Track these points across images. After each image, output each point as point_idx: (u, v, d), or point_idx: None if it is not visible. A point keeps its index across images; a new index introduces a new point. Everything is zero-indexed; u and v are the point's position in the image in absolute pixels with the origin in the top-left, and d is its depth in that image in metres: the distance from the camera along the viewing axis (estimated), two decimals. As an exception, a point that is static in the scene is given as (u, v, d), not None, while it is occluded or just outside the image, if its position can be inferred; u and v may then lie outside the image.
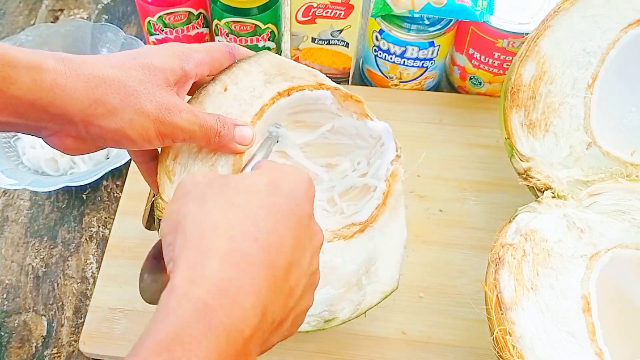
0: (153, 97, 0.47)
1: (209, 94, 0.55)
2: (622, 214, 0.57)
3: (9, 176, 0.70)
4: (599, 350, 0.51)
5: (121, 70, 0.47)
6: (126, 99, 0.46)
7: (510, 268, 0.53)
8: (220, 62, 0.55)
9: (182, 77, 0.50)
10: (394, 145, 0.59)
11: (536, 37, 0.62)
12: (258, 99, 0.57)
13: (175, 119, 0.48)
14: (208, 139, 0.52)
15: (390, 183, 0.58)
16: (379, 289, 0.57)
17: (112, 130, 0.46)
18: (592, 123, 0.62)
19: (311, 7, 0.73)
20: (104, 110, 0.45)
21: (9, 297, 0.68)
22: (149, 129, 0.47)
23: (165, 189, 0.54)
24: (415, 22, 0.74)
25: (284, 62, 0.58)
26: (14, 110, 0.44)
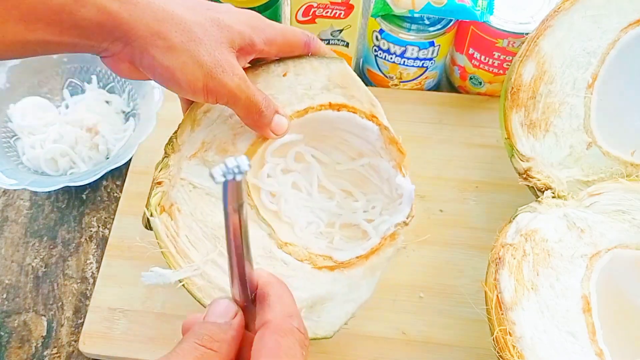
0: (213, 50, 0.48)
1: (268, 71, 0.56)
2: (622, 214, 0.57)
3: (9, 176, 0.70)
4: (599, 350, 0.51)
5: (191, 14, 0.48)
6: (187, 42, 0.47)
7: (511, 268, 0.53)
8: (292, 49, 0.55)
9: (247, 45, 0.51)
10: (408, 210, 0.56)
11: (536, 37, 0.62)
12: (309, 99, 0.57)
13: (227, 79, 0.49)
14: (249, 112, 0.52)
15: (384, 243, 0.56)
16: (312, 328, 0.54)
17: (164, 67, 0.47)
18: (592, 123, 0.62)
19: (311, 7, 0.73)
20: (162, 44, 0.46)
21: (9, 297, 0.68)
22: (198, 80, 0.48)
23: (184, 134, 0.55)
24: (415, 22, 0.74)
25: (352, 78, 0.58)
26: (80, 31, 0.45)
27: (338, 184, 0.62)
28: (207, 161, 0.56)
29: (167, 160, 0.56)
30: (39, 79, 0.79)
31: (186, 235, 0.54)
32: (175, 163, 0.56)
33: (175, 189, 0.55)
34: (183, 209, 0.55)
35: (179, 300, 0.65)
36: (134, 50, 0.47)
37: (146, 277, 0.52)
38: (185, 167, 0.56)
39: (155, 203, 0.54)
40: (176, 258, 0.53)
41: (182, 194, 0.55)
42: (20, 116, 0.76)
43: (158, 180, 0.55)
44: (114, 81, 0.80)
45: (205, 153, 0.56)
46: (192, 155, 0.56)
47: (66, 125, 0.75)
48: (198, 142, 0.56)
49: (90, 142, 0.75)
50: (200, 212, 0.55)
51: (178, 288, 0.53)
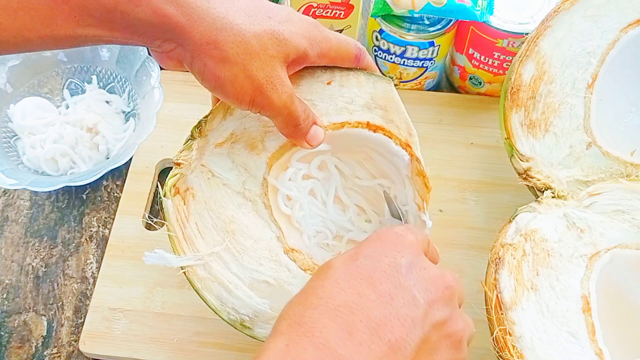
0: (266, 65, 0.48)
1: (313, 75, 0.56)
2: (622, 214, 0.57)
3: (9, 176, 0.70)
4: (599, 350, 0.51)
5: (251, 24, 0.47)
6: (241, 54, 0.47)
7: (510, 268, 0.53)
8: (342, 61, 0.55)
9: (301, 58, 0.50)
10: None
11: (536, 37, 0.62)
12: (347, 114, 0.56)
13: (275, 96, 0.49)
14: (286, 124, 0.52)
15: None
16: None
17: (215, 76, 0.47)
18: (592, 123, 0.62)
19: (311, 7, 0.73)
20: (217, 54, 0.46)
21: (9, 297, 0.68)
22: (247, 93, 0.48)
23: (214, 121, 0.55)
24: (415, 22, 0.74)
25: (395, 103, 0.57)
26: (133, 30, 0.45)
27: (354, 199, 0.62)
28: (234, 154, 0.55)
29: (191, 142, 0.55)
30: (39, 79, 0.79)
31: (196, 223, 0.54)
32: (200, 148, 0.55)
33: (194, 174, 0.55)
34: (198, 195, 0.54)
35: (179, 300, 0.65)
36: (186, 54, 0.47)
37: (148, 257, 0.52)
38: (208, 154, 0.55)
39: (171, 184, 0.53)
40: (182, 244, 0.53)
41: (199, 180, 0.55)
42: (20, 116, 0.76)
43: (178, 160, 0.54)
44: (114, 81, 0.80)
45: (233, 145, 0.55)
46: (219, 144, 0.55)
47: (66, 125, 0.75)
48: (227, 132, 0.55)
49: (90, 142, 0.75)
50: (214, 202, 0.55)
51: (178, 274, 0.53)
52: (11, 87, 0.77)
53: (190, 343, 0.63)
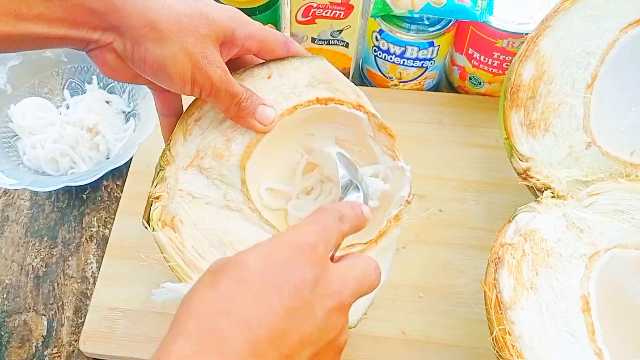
0: (200, 43, 0.49)
1: (252, 75, 0.57)
2: (621, 214, 0.57)
3: (9, 176, 0.70)
4: (599, 350, 0.51)
5: (181, 5, 0.48)
6: (178, 32, 0.47)
7: (510, 268, 0.53)
8: (272, 47, 0.56)
9: (229, 40, 0.51)
10: (408, 189, 0.57)
11: (536, 37, 0.62)
12: (295, 97, 0.58)
13: (210, 71, 0.50)
14: (228, 104, 0.53)
15: (390, 225, 0.57)
16: None
17: (155, 57, 0.48)
18: (591, 123, 0.62)
19: (311, 7, 0.73)
20: (155, 35, 0.47)
21: (9, 297, 0.68)
22: (187, 70, 0.49)
23: (177, 144, 0.56)
24: (415, 22, 0.74)
25: (334, 73, 0.59)
26: (72, 19, 0.45)
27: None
28: (204, 169, 0.56)
29: (162, 173, 0.55)
30: (39, 79, 0.79)
31: (192, 246, 0.54)
32: (172, 175, 0.55)
33: (175, 201, 0.55)
34: (185, 220, 0.54)
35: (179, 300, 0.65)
36: (126, 42, 0.47)
37: (157, 294, 0.51)
38: (182, 177, 0.55)
39: (157, 218, 0.53)
40: (185, 270, 0.52)
41: (182, 205, 0.55)
42: (20, 116, 0.76)
43: (156, 195, 0.54)
44: (114, 81, 0.80)
45: (201, 161, 0.56)
46: (188, 165, 0.56)
47: (67, 125, 0.75)
48: (192, 151, 0.56)
49: (90, 142, 0.75)
50: (203, 222, 0.55)
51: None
52: (11, 87, 0.77)
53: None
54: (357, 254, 0.46)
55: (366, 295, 0.52)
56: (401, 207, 0.57)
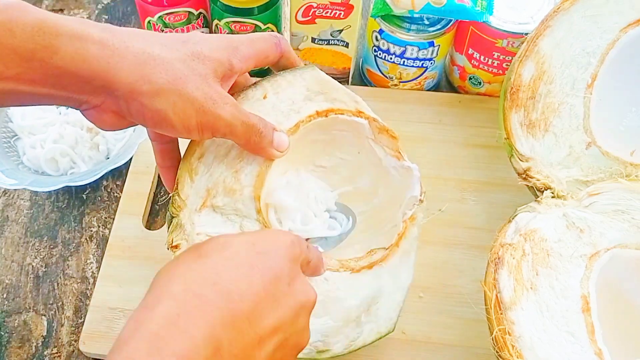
0: (200, 85, 0.46)
1: (247, 98, 0.55)
2: (621, 214, 0.57)
3: (9, 176, 0.70)
4: (599, 350, 0.51)
5: (171, 52, 0.46)
6: (174, 81, 0.45)
7: (510, 268, 0.54)
8: (266, 54, 0.53)
9: (228, 70, 0.49)
10: (419, 188, 0.58)
11: (536, 37, 0.62)
12: (295, 114, 0.56)
13: (220, 110, 0.47)
14: (249, 136, 0.50)
15: (407, 226, 0.58)
16: (375, 329, 0.56)
17: (154, 110, 0.45)
18: (591, 123, 0.62)
19: (311, 7, 0.73)
20: (149, 88, 0.44)
21: (9, 297, 0.68)
22: (191, 117, 0.46)
23: (185, 187, 0.53)
24: (415, 22, 0.74)
25: (329, 82, 0.58)
26: (56, 81, 0.42)
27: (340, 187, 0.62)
28: (218, 207, 0.54)
29: (177, 220, 0.53)
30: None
31: None
32: (187, 220, 0.53)
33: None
34: None
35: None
36: (119, 100, 0.45)
37: None
38: (197, 221, 0.53)
39: None
40: None
41: None
42: (20, 116, 0.76)
43: (174, 244, 0.52)
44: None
45: (214, 200, 0.54)
46: (201, 206, 0.53)
47: (66, 125, 0.75)
48: (203, 191, 0.54)
49: (90, 142, 0.75)
50: None
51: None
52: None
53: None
54: None
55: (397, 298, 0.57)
56: (415, 207, 0.57)
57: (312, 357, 0.54)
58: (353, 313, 0.55)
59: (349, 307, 0.55)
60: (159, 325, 0.36)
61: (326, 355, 0.54)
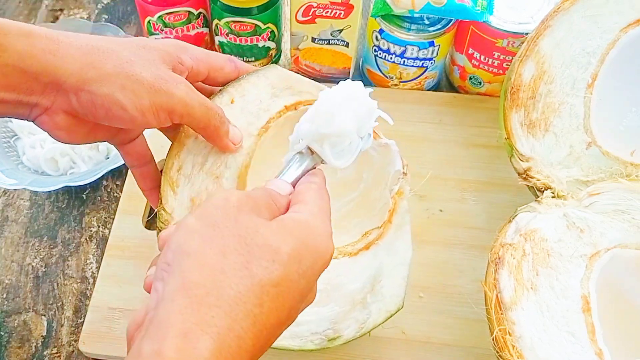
0: (149, 67, 0.46)
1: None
2: (621, 214, 0.57)
3: (9, 176, 0.70)
4: (599, 350, 0.51)
5: (116, 44, 0.46)
6: (120, 65, 0.44)
7: (510, 268, 0.53)
8: (221, 66, 0.54)
9: (177, 63, 0.49)
10: (400, 162, 0.58)
11: (536, 37, 0.62)
12: (265, 112, 0.57)
13: (173, 89, 0.46)
14: (208, 119, 0.49)
15: (396, 200, 0.58)
16: (384, 308, 0.56)
17: (103, 95, 0.44)
18: (591, 123, 0.62)
19: (311, 7, 0.73)
20: (95, 74, 0.44)
21: (9, 297, 0.68)
22: (143, 98, 0.45)
23: (169, 200, 0.53)
24: (415, 22, 0.74)
25: (292, 76, 0.58)
26: (5, 82, 0.42)
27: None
28: None
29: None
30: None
31: None
32: None
33: None
34: None
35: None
36: (68, 95, 0.44)
37: None
38: None
39: None
40: None
41: None
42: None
43: None
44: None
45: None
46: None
47: (66, 125, 0.75)
48: (187, 201, 0.54)
49: (90, 142, 0.75)
50: None
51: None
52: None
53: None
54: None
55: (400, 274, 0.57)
56: (400, 181, 0.58)
57: (324, 346, 0.54)
58: (358, 295, 0.55)
59: (352, 291, 0.55)
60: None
61: (338, 342, 0.54)
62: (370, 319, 0.55)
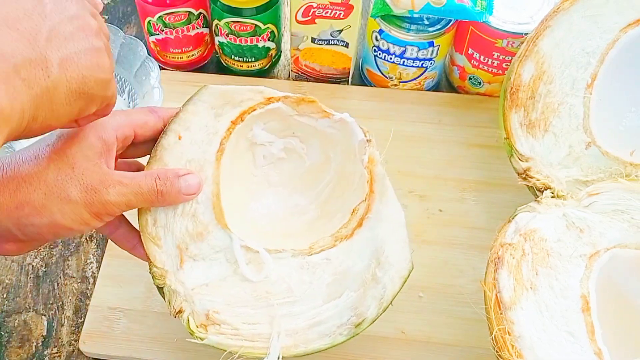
0: (77, 181, 0.46)
1: (164, 147, 0.54)
2: (621, 214, 0.57)
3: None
4: (598, 350, 0.51)
5: (38, 165, 0.46)
6: (50, 192, 0.45)
7: (510, 268, 0.54)
8: (144, 120, 0.53)
9: (102, 148, 0.48)
10: (360, 131, 0.57)
11: (535, 37, 0.62)
12: (215, 135, 0.56)
13: (105, 196, 0.47)
14: (150, 201, 0.51)
15: (370, 169, 0.57)
16: (396, 274, 0.55)
17: (46, 225, 0.46)
18: (591, 123, 0.62)
19: (311, 7, 0.73)
20: (30, 209, 0.45)
21: (9, 296, 0.68)
22: (82, 213, 0.46)
23: (157, 256, 0.53)
24: (415, 22, 0.74)
25: (227, 90, 0.57)
26: None
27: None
28: (196, 255, 0.54)
29: (167, 288, 0.53)
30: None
31: (243, 322, 0.53)
32: (176, 283, 0.53)
33: (197, 301, 0.53)
34: (217, 307, 0.53)
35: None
36: (11, 230, 0.46)
37: None
38: (185, 278, 0.53)
39: (195, 328, 0.53)
40: (255, 345, 0.53)
41: (205, 299, 0.53)
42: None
43: (177, 310, 0.53)
44: (114, 81, 0.80)
45: (188, 252, 0.54)
46: (181, 263, 0.54)
47: (66, 125, 0.75)
48: (174, 250, 0.54)
49: (90, 142, 0.75)
50: (232, 297, 0.54)
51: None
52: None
53: (191, 342, 0.63)
54: None
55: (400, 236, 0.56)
56: (367, 149, 0.57)
57: (353, 334, 0.54)
58: (367, 274, 0.55)
59: (360, 271, 0.55)
60: None
61: (365, 324, 0.54)
62: (388, 291, 0.55)
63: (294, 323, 0.54)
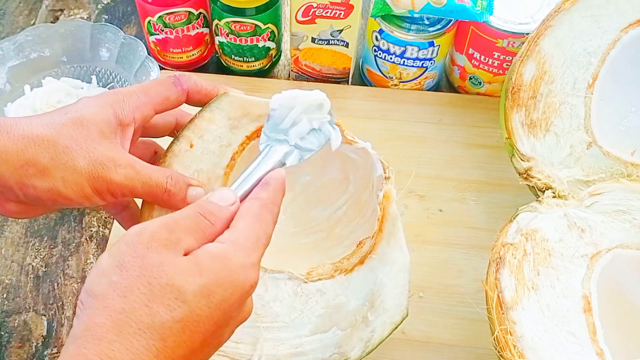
0: (87, 152, 0.46)
1: (175, 154, 0.53)
2: (622, 214, 0.57)
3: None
4: (600, 350, 0.51)
5: (52, 129, 0.46)
6: (57, 157, 0.45)
7: (511, 267, 0.53)
8: (165, 96, 0.51)
9: (118, 127, 0.48)
10: (381, 166, 0.56)
11: (536, 37, 0.62)
12: (227, 148, 0.54)
13: (111, 174, 0.46)
14: (154, 196, 0.49)
15: (384, 206, 0.55)
16: (388, 320, 0.54)
17: (46, 190, 0.45)
18: (592, 123, 0.62)
19: (311, 7, 0.73)
20: (35, 170, 0.45)
21: (9, 297, 0.68)
22: (84, 186, 0.46)
23: None
24: (415, 22, 0.74)
25: (247, 101, 0.55)
26: None
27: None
28: None
29: None
30: (39, 78, 0.79)
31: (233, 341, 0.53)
32: None
33: None
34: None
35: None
36: (13, 188, 0.45)
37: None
38: None
39: None
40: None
41: None
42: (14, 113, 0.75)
43: None
44: (113, 81, 0.80)
45: None
46: None
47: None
48: None
49: (90, 142, 0.75)
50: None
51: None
52: (10, 87, 0.77)
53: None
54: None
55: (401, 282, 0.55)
56: (384, 186, 0.55)
57: None
58: (358, 315, 0.54)
59: (352, 310, 0.54)
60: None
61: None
62: (376, 335, 0.54)
63: (277, 349, 0.53)
